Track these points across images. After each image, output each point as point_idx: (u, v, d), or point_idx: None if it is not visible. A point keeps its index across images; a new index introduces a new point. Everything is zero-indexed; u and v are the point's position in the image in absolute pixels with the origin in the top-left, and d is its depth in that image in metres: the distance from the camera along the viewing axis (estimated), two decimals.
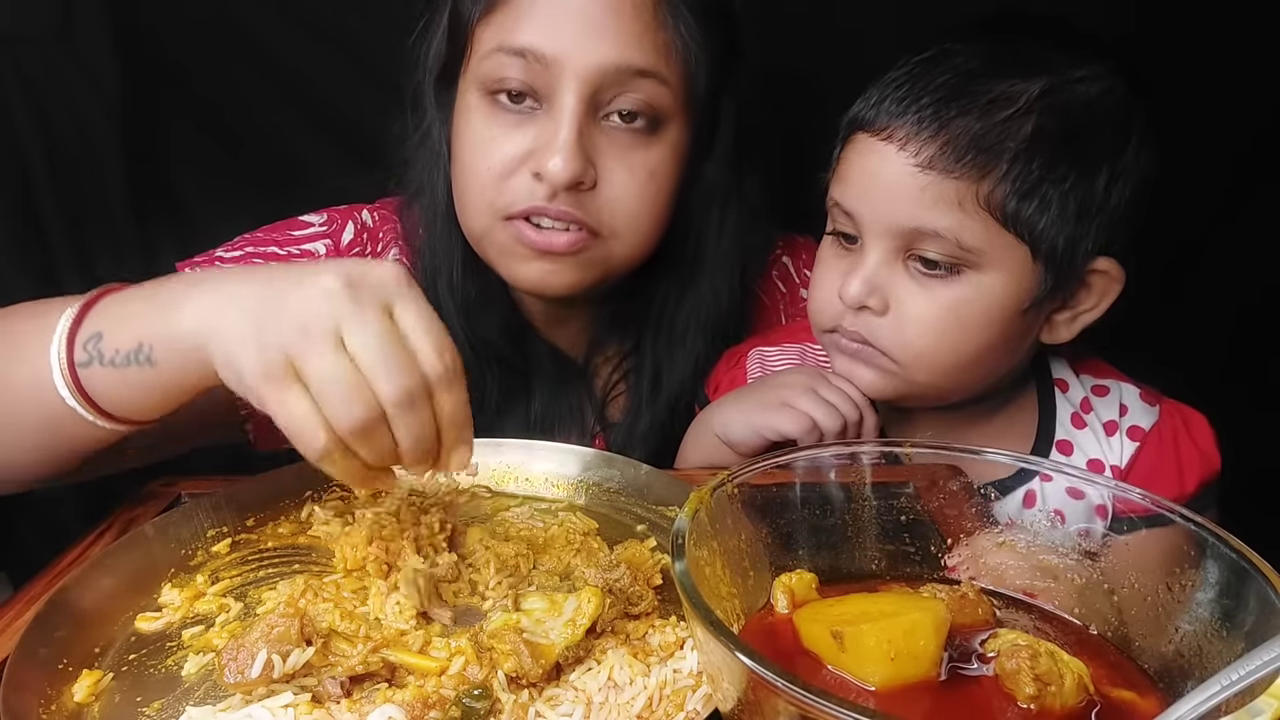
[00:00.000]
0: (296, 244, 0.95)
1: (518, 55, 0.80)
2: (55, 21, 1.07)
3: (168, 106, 1.14)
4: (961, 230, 0.74)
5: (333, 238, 0.97)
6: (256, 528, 0.73)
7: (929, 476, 0.62)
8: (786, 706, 0.38)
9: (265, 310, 0.56)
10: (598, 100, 0.82)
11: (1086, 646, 0.51)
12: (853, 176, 0.80)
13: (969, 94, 0.75)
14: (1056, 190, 0.74)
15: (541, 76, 0.81)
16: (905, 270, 0.78)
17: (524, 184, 0.84)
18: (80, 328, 0.64)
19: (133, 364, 0.62)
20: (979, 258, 0.76)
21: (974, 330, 0.78)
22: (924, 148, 0.74)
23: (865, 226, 0.79)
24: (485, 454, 0.82)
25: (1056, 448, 0.88)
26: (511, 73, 0.81)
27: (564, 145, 0.80)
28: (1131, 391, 0.91)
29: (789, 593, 0.52)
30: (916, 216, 0.75)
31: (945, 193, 0.74)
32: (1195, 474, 0.86)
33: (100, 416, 0.65)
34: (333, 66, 1.14)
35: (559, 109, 0.81)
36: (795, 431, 0.83)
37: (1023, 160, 0.74)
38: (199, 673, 0.57)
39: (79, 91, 1.09)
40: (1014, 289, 0.77)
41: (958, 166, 0.74)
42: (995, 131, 0.74)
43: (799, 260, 1.09)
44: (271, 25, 1.13)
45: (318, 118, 1.16)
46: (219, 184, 1.17)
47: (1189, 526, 0.50)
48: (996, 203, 0.74)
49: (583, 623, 0.57)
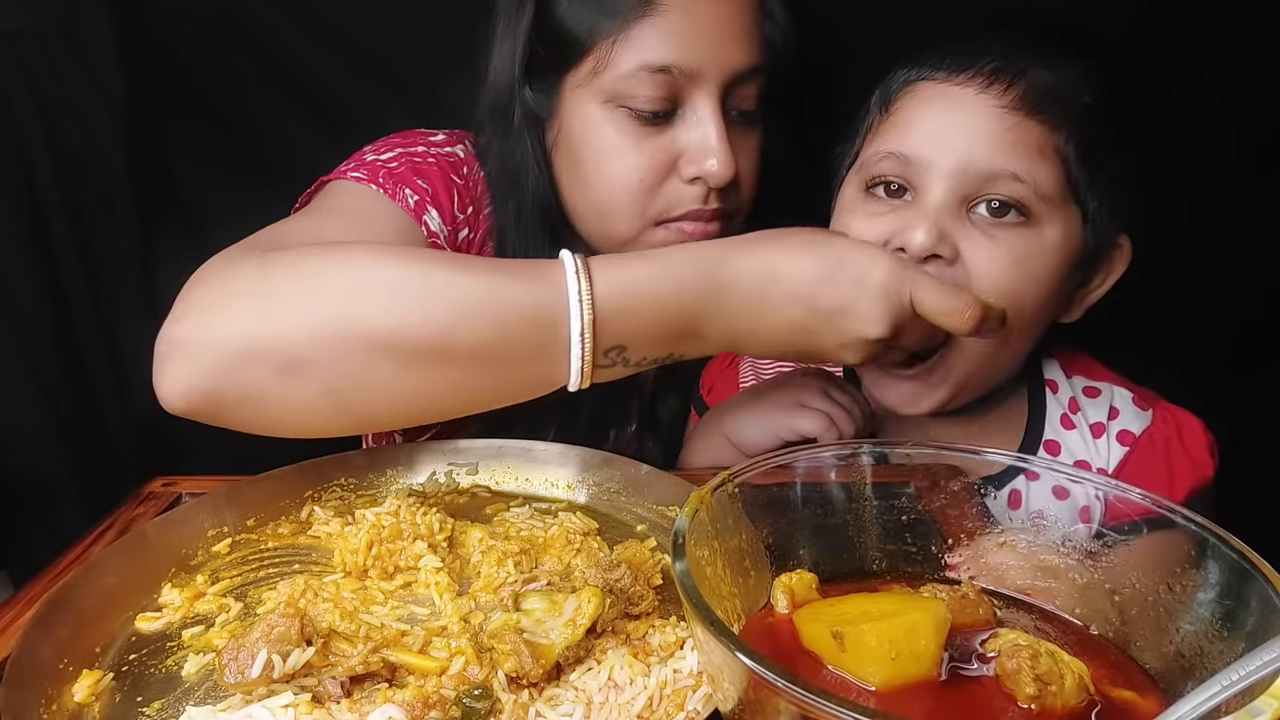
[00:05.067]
0: (438, 146, 0.95)
1: (662, 72, 0.84)
2: (60, 19, 1.07)
3: (172, 104, 1.14)
4: (1040, 176, 0.74)
5: (462, 149, 0.97)
6: (256, 528, 0.73)
7: (929, 477, 0.62)
8: (787, 706, 0.38)
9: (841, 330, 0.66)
10: (724, 100, 0.86)
11: (1087, 646, 0.51)
12: (918, 122, 0.78)
13: (1040, 49, 0.76)
14: (1105, 157, 0.76)
15: (678, 85, 0.85)
16: (969, 220, 0.76)
17: (676, 189, 0.88)
18: (599, 337, 0.63)
19: (660, 361, 0.68)
20: (1046, 209, 0.75)
21: (1034, 286, 0.77)
22: (1006, 93, 0.74)
23: (930, 171, 0.76)
24: (485, 454, 0.83)
25: (1044, 448, 0.89)
26: (650, 90, 0.84)
27: (721, 148, 0.85)
28: (1124, 395, 0.90)
29: (789, 593, 0.52)
30: (996, 159, 0.74)
31: (1027, 136, 0.74)
32: (1185, 481, 0.86)
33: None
34: (338, 64, 1.14)
35: (701, 115, 0.85)
36: (816, 430, 0.83)
37: (1087, 122, 0.75)
38: (199, 673, 0.57)
39: (83, 89, 1.09)
40: (1067, 249, 0.77)
41: (1040, 110, 0.74)
42: (1069, 85, 0.75)
43: None
44: (277, 22, 1.13)
45: (323, 115, 1.16)
46: (224, 181, 1.17)
47: (1190, 527, 0.50)
48: (1067, 157, 0.75)
49: (583, 623, 0.57)
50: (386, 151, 0.91)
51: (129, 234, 1.14)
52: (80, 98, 1.09)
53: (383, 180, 0.87)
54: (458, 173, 0.93)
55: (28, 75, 1.06)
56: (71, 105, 1.09)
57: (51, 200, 1.10)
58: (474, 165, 0.95)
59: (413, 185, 0.88)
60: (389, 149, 0.92)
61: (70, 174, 1.10)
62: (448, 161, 0.93)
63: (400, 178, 0.88)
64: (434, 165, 0.91)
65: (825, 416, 0.83)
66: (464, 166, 0.95)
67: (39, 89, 1.07)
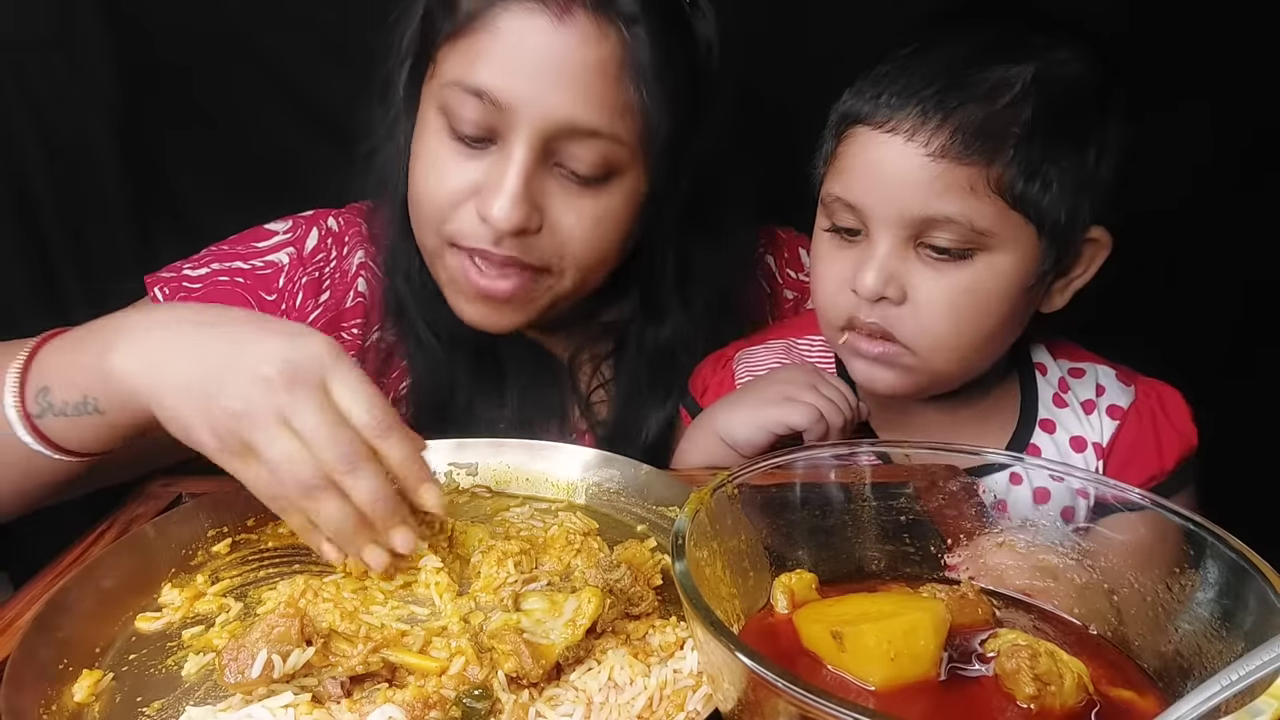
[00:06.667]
0: (260, 255, 0.95)
1: (475, 94, 0.79)
2: (53, 27, 1.06)
3: (166, 112, 1.14)
4: (974, 214, 0.75)
5: (296, 245, 0.96)
6: (256, 528, 0.73)
7: (928, 477, 0.62)
8: (786, 706, 0.38)
9: (208, 393, 0.61)
10: (550, 149, 0.81)
11: (1086, 646, 0.51)
12: (856, 169, 0.80)
13: (969, 82, 0.76)
14: (1056, 169, 0.76)
15: (497, 118, 0.79)
16: (917, 257, 0.79)
17: (470, 219, 0.83)
18: (28, 381, 0.69)
19: (83, 414, 0.67)
20: (990, 239, 0.77)
21: (988, 310, 0.79)
22: (934, 137, 0.75)
23: (872, 218, 0.79)
24: (485, 454, 0.83)
25: (1040, 426, 0.90)
26: (468, 112, 0.80)
27: (509, 193, 0.79)
28: (1108, 372, 0.93)
29: (789, 593, 0.52)
30: (929, 205, 0.76)
31: (957, 179, 0.75)
32: (1174, 450, 0.88)
33: (65, 455, 0.70)
34: (331, 71, 1.13)
35: (510, 154, 0.80)
36: (804, 423, 0.83)
37: (1026, 143, 0.75)
38: (199, 673, 0.57)
39: (77, 97, 1.09)
40: (1022, 266, 0.78)
41: (968, 153, 0.74)
42: (1000, 117, 0.75)
43: (781, 259, 1.09)
44: (270, 30, 1.12)
45: (318, 122, 1.16)
46: (217, 188, 1.17)
47: (1189, 526, 0.50)
48: (1005, 185, 0.75)
49: (583, 623, 0.57)
50: (203, 265, 0.94)
51: (125, 240, 1.14)
52: (75, 105, 1.09)
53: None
54: (268, 288, 0.94)
55: (22, 83, 1.06)
56: (66, 113, 1.09)
57: (47, 207, 1.10)
58: (301, 267, 0.95)
59: None
60: (206, 263, 0.94)
61: (65, 181, 1.10)
62: (259, 276, 0.94)
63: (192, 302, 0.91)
64: (239, 286, 0.93)
65: (813, 409, 0.83)
66: (280, 276, 0.94)
67: (33, 97, 1.07)
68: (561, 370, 1.01)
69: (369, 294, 0.97)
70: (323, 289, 0.96)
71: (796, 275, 1.09)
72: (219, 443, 0.61)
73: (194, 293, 0.92)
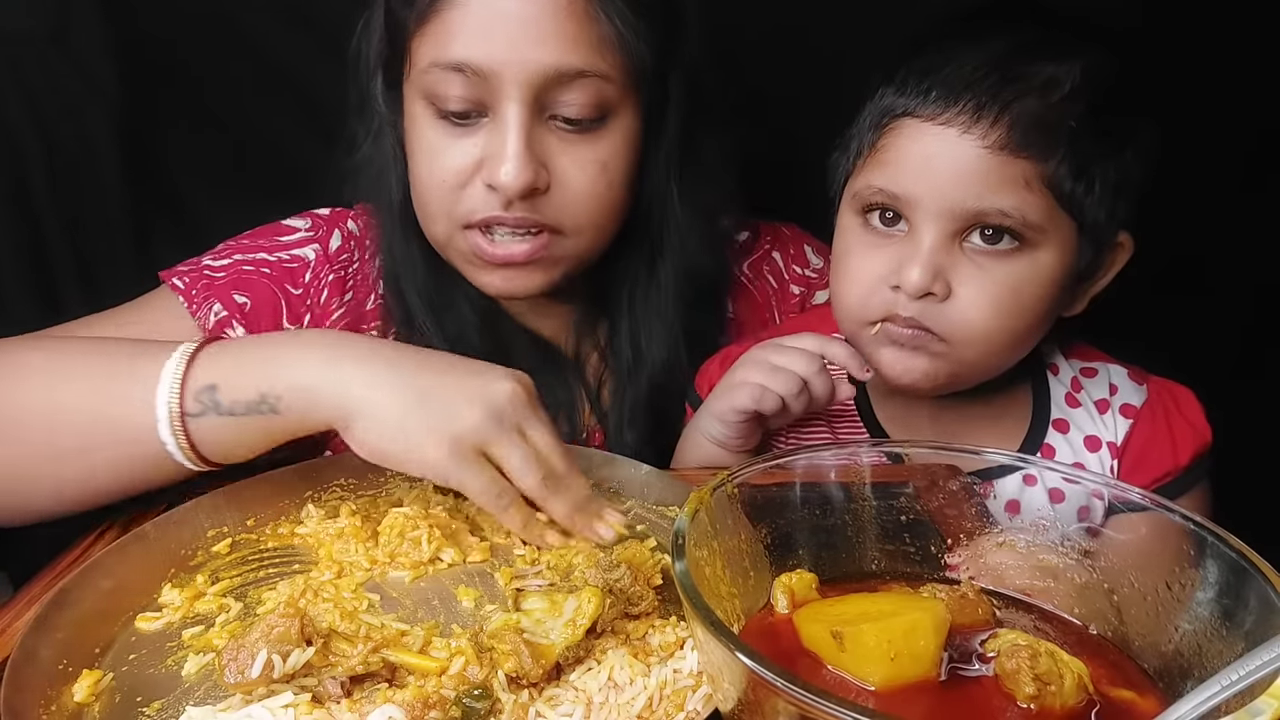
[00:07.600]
0: (285, 249, 0.96)
1: (456, 70, 0.79)
2: (52, 23, 1.06)
3: (167, 109, 1.13)
4: (1027, 209, 0.75)
5: (320, 243, 0.97)
6: (256, 528, 0.73)
7: (929, 476, 0.62)
8: (786, 706, 0.38)
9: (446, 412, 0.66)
10: (542, 103, 0.81)
11: (1086, 646, 0.51)
12: (903, 162, 0.78)
13: (1023, 76, 0.75)
14: (1099, 168, 0.76)
15: (482, 88, 0.80)
16: (962, 252, 0.78)
17: (479, 194, 0.84)
18: (189, 380, 0.68)
19: (253, 413, 0.68)
20: (1038, 235, 0.76)
21: (1027, 307, 0.79)
22: (991, 131, 0.74)
23: (919, 210, 0.77)
24: None
25: (1053, 426, 0.89)
26: (452, 89, 0.80)
27: (514, 155, 0.80)
28: (1120, 371, 0.92)
29: (789, 593, 0.52)
30: (983, 198, 0.75)
31: (1013, 174, 0.75)
32: (1188, 447, 0.87)
33: (198, 460, 0.70)
34: (333, 70, 1.13)
35: (504, 119, 0.81)
36: (748, 403, 0.83)
37: (1076, 140, 0.75)
38: (199, 673, 0.57)
39: (76, 94, 1.09)
40: (1061, 265, 0.78)
41: (1024, 147, 0.74)
42: (1054, 112, 0.75)
43: (788, 255, 1.09)
44: (272, 26, 1.12)
45: (320, 120, 1.15)
46: (219, 187, 1.17)
47: (1188, 525, 0.50)
48: (1056, 182, 0.75)
49: (583, 623, 0.57)
50: (224, 257, 0.94)
51: (124, 239, 1.14)
52: (74, 102, 1.09)
53: (196, 293, 0.91)
54: (294, 281, 0.94)
55: (21, 80, 1.06)
56: (66, 110, 1.08)
57: (46, 206, 1.10)
58: (327, 264, 0.96)
59: (225, 299, 0.91)
60: (227, 254, 0.95)
61: (65, 179, 1.10)
62: (285, 269, 0.95)
63: (216, 291, 0.91)
64: (265, 277, 0.93)
65: (756, 386, 0.82)
66: (306, 271, 0.95)
67: (32, 94, 1.07)
68: (568, 364, 1.02)
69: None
70: (347, 289, 0.97)
71: (803, 271, 1.09)
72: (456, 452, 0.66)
73: (218, 281, 0.92)
